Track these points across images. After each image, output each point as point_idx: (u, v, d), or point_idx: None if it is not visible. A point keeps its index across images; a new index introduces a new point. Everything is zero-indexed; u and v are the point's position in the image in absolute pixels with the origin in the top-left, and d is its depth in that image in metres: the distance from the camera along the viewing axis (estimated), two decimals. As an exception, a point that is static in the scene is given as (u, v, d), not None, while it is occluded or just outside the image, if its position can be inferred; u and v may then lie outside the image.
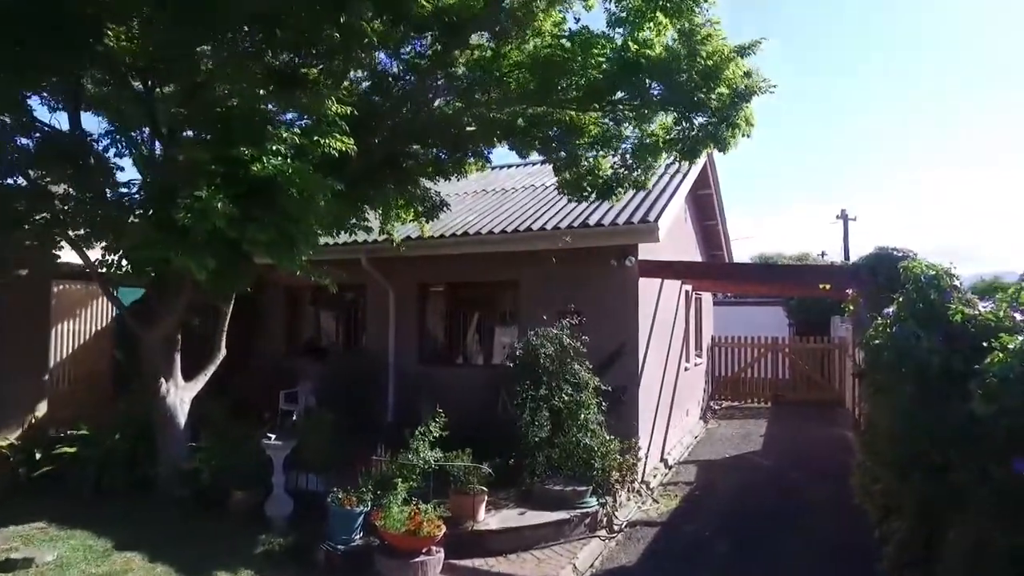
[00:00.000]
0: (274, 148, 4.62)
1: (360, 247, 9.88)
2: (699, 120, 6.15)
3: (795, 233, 73.76)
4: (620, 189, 7.15)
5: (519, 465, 7.39)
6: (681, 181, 9.80)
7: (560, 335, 7.59)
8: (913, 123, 79.99)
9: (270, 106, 5.34)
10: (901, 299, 4.71)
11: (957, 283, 4.49)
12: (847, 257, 21.62)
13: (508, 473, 7.38)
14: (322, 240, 8.53)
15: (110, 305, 10.90)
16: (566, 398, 7.48)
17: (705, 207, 13.72)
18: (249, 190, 4.77)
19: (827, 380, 16.35)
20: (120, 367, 10.19)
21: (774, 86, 6.13)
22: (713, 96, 6.00)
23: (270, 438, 6.51)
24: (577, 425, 7.45)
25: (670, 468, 9.73)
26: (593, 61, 5.90)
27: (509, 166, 14.27)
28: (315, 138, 4.87)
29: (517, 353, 7.55)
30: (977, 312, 4.14)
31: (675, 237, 11.15)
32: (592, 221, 8.42)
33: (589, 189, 7.17)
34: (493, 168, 14.37)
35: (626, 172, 7.03)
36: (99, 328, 10.54)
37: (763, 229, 79.49)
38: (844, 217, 23.22)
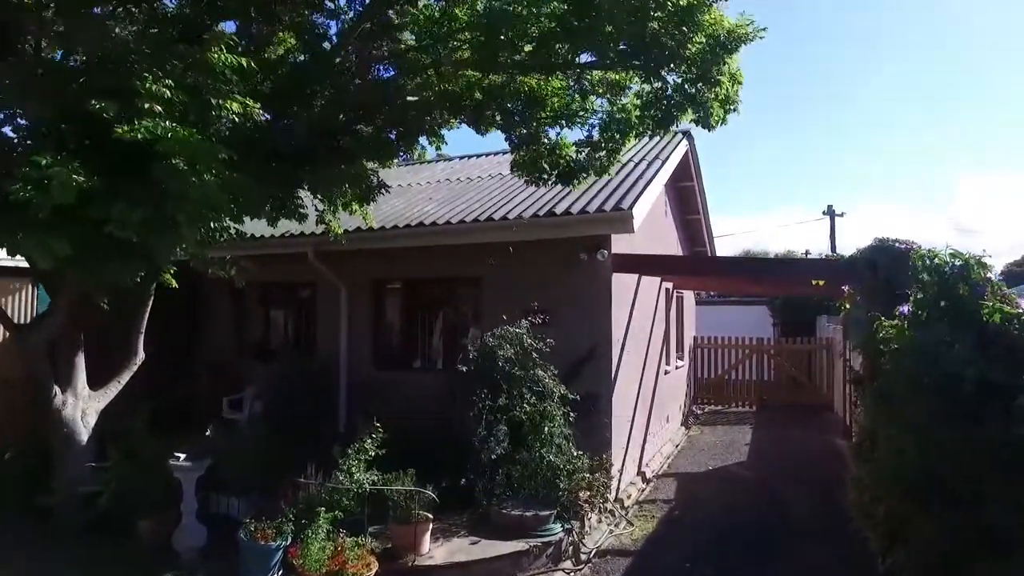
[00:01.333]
0: (146, 106, 3.68)
1: (307, 239, 8.92)
2: (674, 78, 5.22)
3: (780, 233, 73.51)
4: (584, 173, 6.26)
5: (475, 485, 6.50)
6: (660, 168, 8.95)
7: (521, 336, 6.71)
8: (904, 121, 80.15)
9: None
10: (920, 295, 3.88)
11: (990, 275, 3.65)
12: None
13: (463, 494, 6.50)
14: (259, 228, 7.61)
15: (34, 303, 9.90)
16: (528, 408, 6.59)
17: (687, 200, 12.89)
18: (119, 159, 3.83)
19: (814, 383, 15.62)
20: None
21: (763, 29, 5.14)
22: (689, 45, 5.01)
23: (178, 458, 5.54)
24: (541, 439, 6.57)
25: (648, 482, 8.88)
26: (547, 9, 4.97)
27: (480, 155, 13.34)
28: (206, 96, 3.93)
29: (471, 356, 6.64)
30: (1021, 311, 3.30)
31: (654, 230, 10.31)
32: (559, 210, 7.54)
33: (548, 169, 6.27)
34: (463, 157, 13.52)
35: (591, 152, 6.14)
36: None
37: (747, 228, 79.45)
38: (831, 213, 22.13)
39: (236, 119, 4.10)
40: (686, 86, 5.12)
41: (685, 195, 12.72)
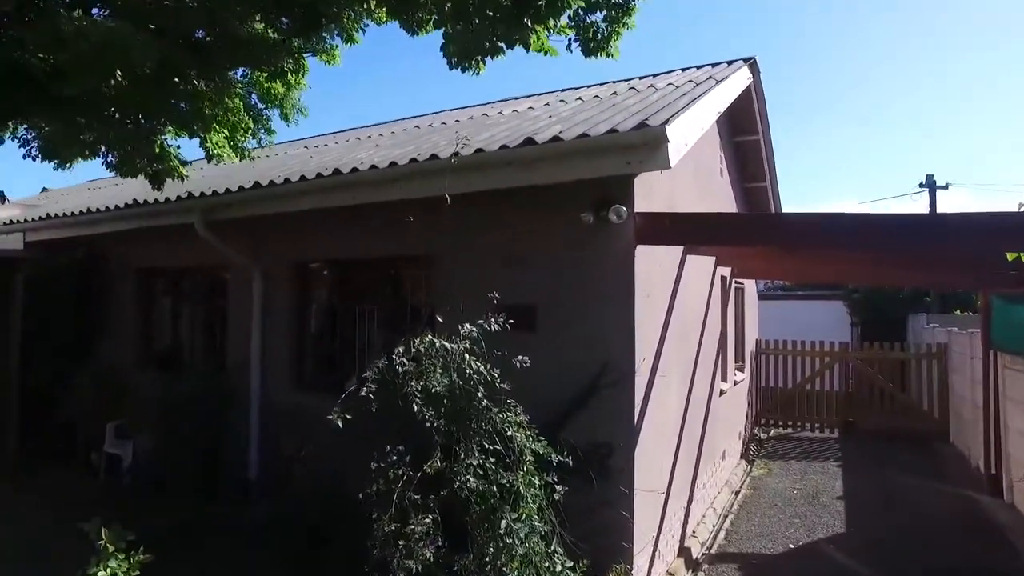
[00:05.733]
0: None
1: (192, 203, 6.20)
2: None
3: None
4: (551, 20, 3.25)
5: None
6: (712, 87, 5.79)
7: (463, 357, 3.73)
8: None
9: None
10: None
11: None
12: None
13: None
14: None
15: None
16: (473, 483, 3.63)
17: (748, 160, 9.63)
18: None
19: (915, 402, 12.10)
20: None
21: None
22: None
23: None
24: (496, 538, 3.61)
25: (695, 568, 5.79)
26: None
27: (488, 103, 10.32)
28: None
29: (365, 391, 3.71)
30: None
31: (704, 190, 7.18)
32: (543, 137, 4.51)
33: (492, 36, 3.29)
34: (456, 109, 10.54)
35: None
36: None
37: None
38: (930, 184, 17.68)
39: None
40: None
41: (746, 153, 9.47)
